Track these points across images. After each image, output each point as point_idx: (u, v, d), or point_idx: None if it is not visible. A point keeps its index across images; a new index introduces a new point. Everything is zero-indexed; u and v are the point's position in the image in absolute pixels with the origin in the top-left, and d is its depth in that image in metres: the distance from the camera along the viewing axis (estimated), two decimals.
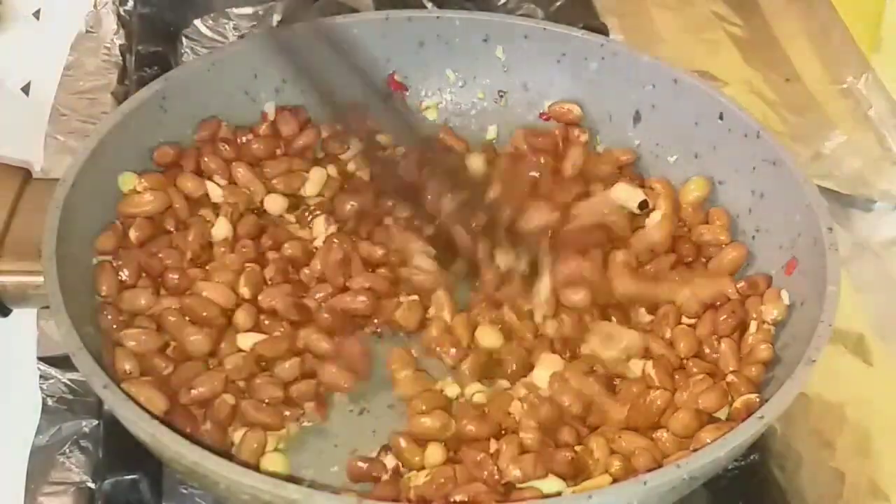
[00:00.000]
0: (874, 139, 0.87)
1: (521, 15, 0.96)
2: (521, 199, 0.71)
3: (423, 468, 0.60)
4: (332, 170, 0.76)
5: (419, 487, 0.58)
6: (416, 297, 0.69)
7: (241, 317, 0.66)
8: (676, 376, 0.63)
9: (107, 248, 0.67)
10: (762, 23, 0.97)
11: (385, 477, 0.60)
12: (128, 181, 0.70)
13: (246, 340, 0.65)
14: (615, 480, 0.58)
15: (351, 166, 0.77)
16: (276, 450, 0.62)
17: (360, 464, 0.60)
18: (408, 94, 0.81)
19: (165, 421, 0.57)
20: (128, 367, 0.62)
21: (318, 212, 0.73)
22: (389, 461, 0.61)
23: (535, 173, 0.75)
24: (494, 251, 0.68)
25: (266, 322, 0.66)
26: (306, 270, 0.70)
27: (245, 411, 0.62)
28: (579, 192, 0.74)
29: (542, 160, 0.76)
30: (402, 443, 0.61)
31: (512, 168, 0.75)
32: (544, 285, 0.68)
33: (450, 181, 0.70)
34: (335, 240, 0.70)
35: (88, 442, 0.66)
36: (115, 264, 0.66)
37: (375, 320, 0.68)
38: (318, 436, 0.64)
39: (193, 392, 0.61)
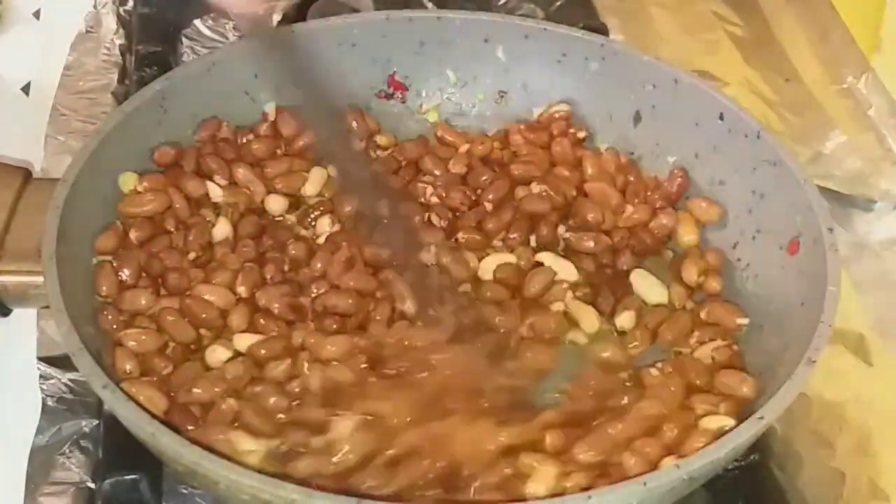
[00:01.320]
0: (874, 139, 0.87)
1: (521, 15, 0.96)
2: None
3: None
4: (332, 170, 0.76)
5: None
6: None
7: (236, 318, 0.66)
8: None
9: (107, 247, 0.67)
10: (762, 23, 0.97)
11: None
12: (128, 181, 0.70)
13: (242, 341, 0.65)
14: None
15: None
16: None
17: None
18: (408, 94, 0.81)
19: (165, 421, 0.57)
20: (128, 367, 0.62)
21: (321, 210, 0.73)
22: None
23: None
24: None
25: (262, 322, 0.66)
26: (306, 270, 0.70)
27: (243, 416, 0.61)
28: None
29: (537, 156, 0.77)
30: None
31: None
32: None
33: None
34: (344, 240, 0.70)
35: (88, 442, 0.66)
36: (115, 264, 0.66)
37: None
38: None
39: (192, 395, 0.61)
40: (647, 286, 0.71)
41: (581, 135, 0.78)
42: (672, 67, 0.76)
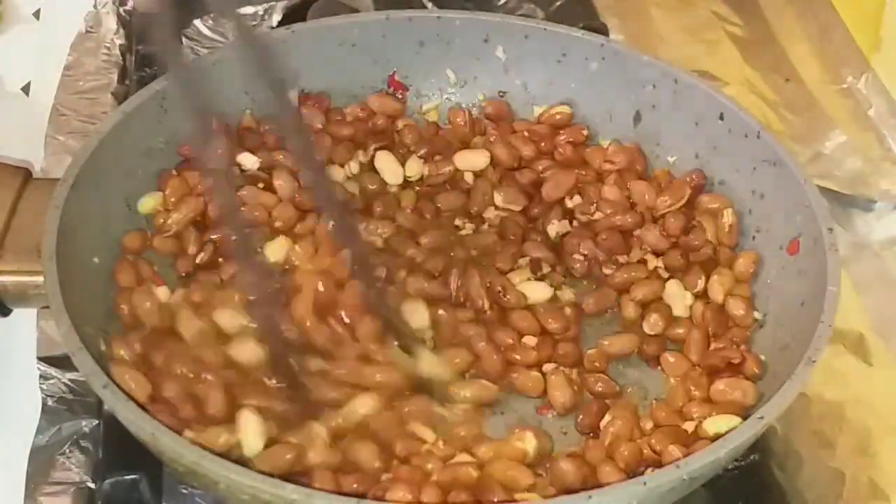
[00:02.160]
0: (874, 139, 0.87)
1: (521, 15, 0.96)
2: None
3: None
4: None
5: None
6: None
7: None
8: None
9: (133, 247, 0.68)
10: (762, 23, 0.97)
11: None
12: (148, 203, 0.70)
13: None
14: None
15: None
16: None
17: None
18: (408, 94, 0.81)
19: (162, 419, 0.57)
20: (121, 352, 0.62)
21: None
22: None
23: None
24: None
25: None
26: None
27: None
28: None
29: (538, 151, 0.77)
30: None
31: None
32: None
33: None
34: None
35: (88, 442, 0.66)
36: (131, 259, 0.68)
37: None
38: None
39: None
40: (678, 297, 0.70)
41: (584, 132, 0.78)
42: (672, 67, 0.76)
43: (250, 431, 0.58)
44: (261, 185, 0.73)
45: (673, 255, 0.71)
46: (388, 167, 0.76)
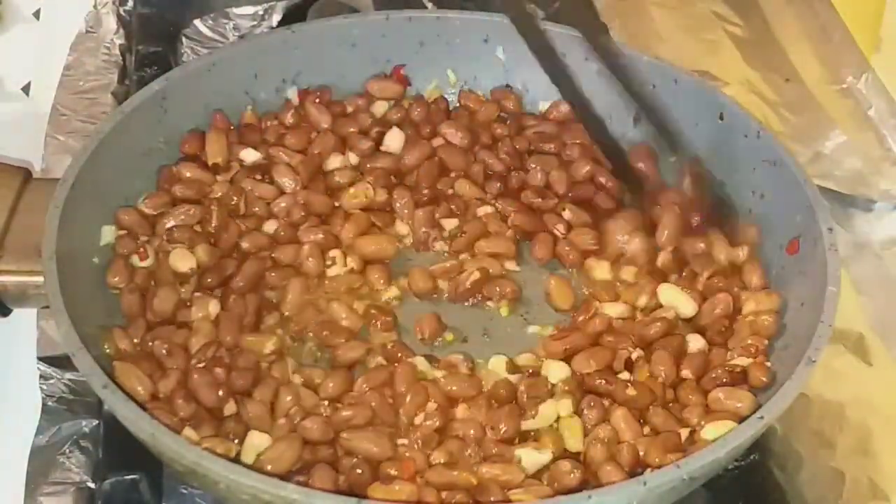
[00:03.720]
0: (874, 139, 0.87)
1: None
2: None
3: None
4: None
5: None
6: None
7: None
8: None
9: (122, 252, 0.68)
10: (762, 23, 0.97)
11: None
12: (106, 234, 0.69)
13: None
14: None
15: None
16: None
17: None
18: (409, 91, 0.81)
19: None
20: (123, 346, 0.62)
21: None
22: None
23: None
24: None
25: None
26: None
27: None
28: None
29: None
30: None
31: None
32: None
33: None
34: None
35: (88, 442, 0.66)
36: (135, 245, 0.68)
37: None
38: None
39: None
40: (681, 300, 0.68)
41: None
42: (672, 67, 0.76)
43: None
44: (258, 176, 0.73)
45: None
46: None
